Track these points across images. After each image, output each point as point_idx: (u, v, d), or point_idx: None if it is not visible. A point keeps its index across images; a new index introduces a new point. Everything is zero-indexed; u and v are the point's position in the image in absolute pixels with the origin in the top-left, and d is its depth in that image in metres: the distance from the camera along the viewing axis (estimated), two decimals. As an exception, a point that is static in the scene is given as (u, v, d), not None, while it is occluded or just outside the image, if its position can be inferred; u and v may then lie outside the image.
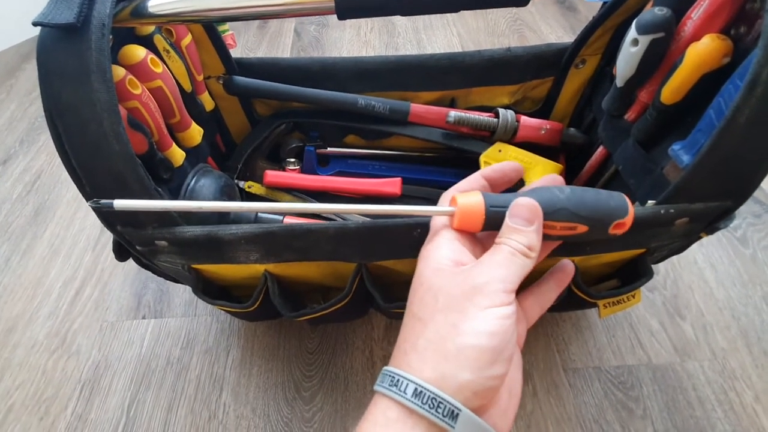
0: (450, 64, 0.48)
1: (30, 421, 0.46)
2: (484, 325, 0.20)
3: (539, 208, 0.23)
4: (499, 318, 0.20)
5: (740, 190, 0.29)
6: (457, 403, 0.19)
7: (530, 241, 0.22)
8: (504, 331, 0.20)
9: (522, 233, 0.22)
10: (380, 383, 0.21)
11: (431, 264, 0.22)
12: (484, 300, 0.20)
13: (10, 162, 0.74)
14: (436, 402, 0.18)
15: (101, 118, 0.26)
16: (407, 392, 0.19)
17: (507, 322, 0.20)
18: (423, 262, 0.23)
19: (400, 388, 0.19)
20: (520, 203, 0.23)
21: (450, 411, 0.18)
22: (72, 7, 0.25)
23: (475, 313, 0.20)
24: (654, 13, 0.33)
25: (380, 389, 0.20)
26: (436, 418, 0.18)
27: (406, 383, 0.19)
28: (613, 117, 0.42)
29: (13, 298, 0.56)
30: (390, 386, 0.20)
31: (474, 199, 0.23)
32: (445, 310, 0.20)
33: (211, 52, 0.47)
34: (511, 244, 0.22)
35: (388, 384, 0.20)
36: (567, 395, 0.45)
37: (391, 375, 0.20)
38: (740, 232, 0.57)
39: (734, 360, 0.47)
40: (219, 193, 0.43)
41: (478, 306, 0.20)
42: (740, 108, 0.25)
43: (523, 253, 0.22)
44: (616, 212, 0.24)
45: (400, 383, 0.19)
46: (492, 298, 0.20)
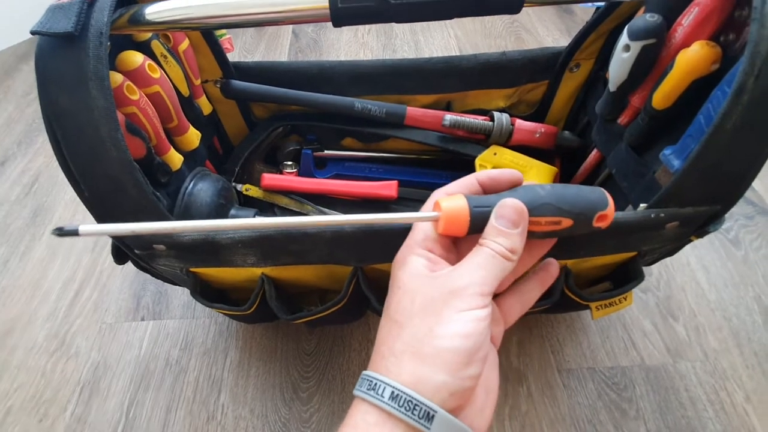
0: (446, 67, 0.49)
1: (29, 422, 0.47)
2: (459, 328, 0.20)
3: (525, 211, 0.23)
4: (473, 320, 0.20)
5: (729, 195, 0.30)
6: (432, 404, 0.19)
7: (513, 244, 0.22)
8: (478, 332, 0.20)
9: (506, 235, 0.22)
10: (359, 387, 0.21)
11: (408, 269, 0.23)
12: (461, 303, 0.20)
13: (8, 164, 0.74)
14: (412, 404, 0.19)
15: (99, 125, 0.26)
16: (384, 395, 0.19)
17: (482, 324, 0.20)
18: (400, 267, 0.23)
19: (378, 391, 0.20)
20: (507, 204, 0.22)
21: (426, 413, 0.19)
22: (70, 16, 0.25)
23: (450, 316, 0.20)
24: (645, 19, 0.34)
25: (359, 393, 0.21)
26: (412, 420, 0.19)
27: (383, 387, 0.20)
28: (606, 121, 0.43)
29: (11, 299, 0.56)
30: (368, 390, 0.20)
31: (458, 203, 0.23)
32: (422, 314, 0.21)
33: (209, 56, 0.47)
34: (492, 247, 0.22)
35: (366, 388, 0.20)
36: (561, 396, 0.46)
37: (369, 379, 0.21)
38: (732, 234, 0.58)
39: (725, 360, 0.47)
40: (217, 196, 0.43)
41: (453, 309, 0.20)
42: (728, 114, 0.25)
43: (505, 256, 0.22)
44: (597, 204, 0.24)
45: (377, 387, 0.20)
46: (468, 302, 0.20)
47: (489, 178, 0.26)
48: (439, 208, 0.23)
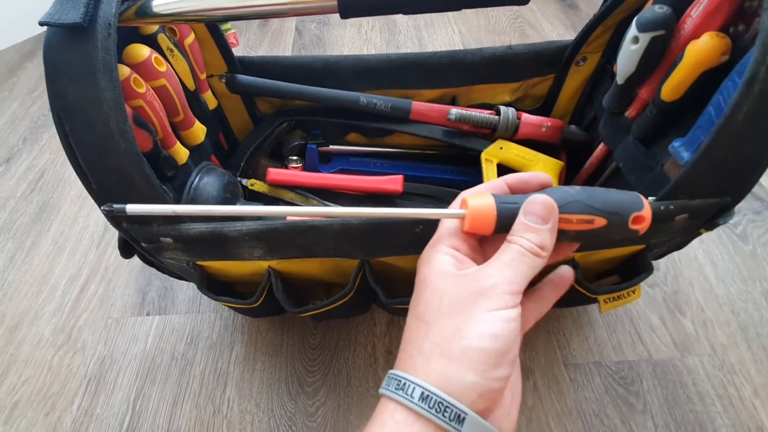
0: (451, 61, 0.49)
1: (36, 416, 0.47)
2: (488, 328, 0.20)
3: (555, 207, 0.22)
4: (503, 321, 0.20)
5: (739, 187, 0.29)
6: (463, 406, 0.19)
7: (543, 240, 0.21)
8: (508, 333, 0.20)
9: (535, 231, 0.21)
10: (386, 387, 0.21)
11: (435, 267, 0.22)
12: (489, 303, 0.20)
13: (13, 160, 0.75)
14: (442, 406, 0.19)
15: (108, 116, 0.26)
16: (414, 396, 0.19)
17: (512, 325, 0.20)
18: (426, 266, 0.23)
19: (407, 391, 0.19)
20: (536, 200, 0.22)
21: (456, 415, 0.19)
22: (78, 7, 0.25)
23: (480, 316, 0.20)
24: (654, 11, 0.34)
25: (387, 393, 0.20)
26: (443, 422, 0.18)
27: (412, 387, 0.19)
28: (613, 114, 0.43)
29: (18, 295, 0.57)
30: (396, 390, 0.20)
31: (485, 201, 0.23)
32: (450, 313, 0.20)
33: (214, 50, 0.47)
34: (521, 243, 0.21)
35: (394, 387, 0.20)
36: (568, 390, 0.46)
37: (397, 378, 0.20)
38: (740, 229, 0.58)
39: (733, 355, 0.47)
40: (222, 190, 0.43)
41: (482, 309, 0.20)
42: (738, 105, 0.25)
43: (535, 252, 0.21)
44: (631, 205, 0.23)
45: (406, 387, 0.19)
46: (497, 301, 0.20)
47: (518, 181, 0.25)
48: (466, 206, 0.23)
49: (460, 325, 0.20)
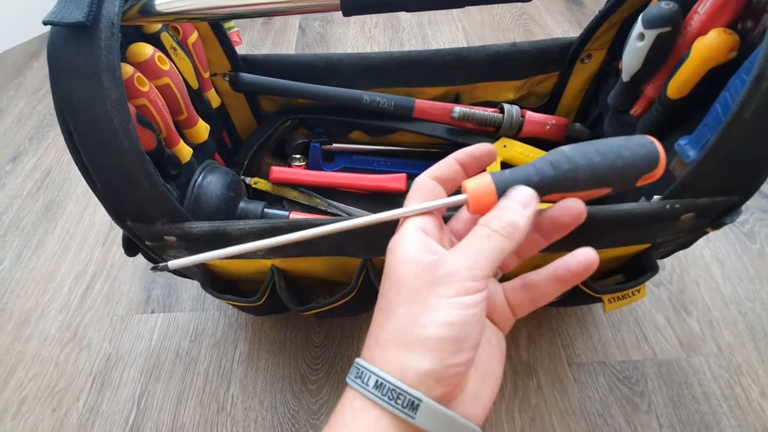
0: (455, 59, 0.48)
1: (43, 412, 0.47)
2: (443, 316, 0.19)
3: (537, 197, 0.22)
4: (461, 308, 0.19)
5: (746, 185, 0.29)
6: (417, 393, 0.19)
7: (515, 219, 0.21)
8: (466, 320, 0.19)
9: (511, 211, 0.21)
10: (349, 375, 0.21)
11: (397, 256, 0.22)
12: (446, 290, 0.20)
13: (20, 159, 0.75)
14: (395, 393, 0.19)
15: (111, 115, 0.26)
16: (369, 384, 0.19)
17: (470, 311, 0.19)
18: (389, 255, 0.23)
19: (363, 380, 0.20)
20: (520, 189, 0.22)
21: (410, 402, 0.19)
22: (81, 6, 0.25)
23: (436, 303, 0.19)
24: (660, 7, 0.33)
25: (348, 381, 0.21)
26: (396, 409, 0.19)
27: (368, 375, 0.20)
28: (618, 112, 0.42)
29: (25, 292, 0.57)
30: (355, 378, 0.20)
31: (483, 181, 0.23)
32: (406, 302, 0.20)
33: (217, 49, 0.47)
34: (491, 225, 0.21)
35: (354, 375, 0.20)
36: (572, 389, 0.46)
37: (357, 367, 0.21)
38: (747, 227, 0.57)
39: (740, 355, 0.47)
40: (226, 189, 0.43)
41: (438, 296, 0.20)
42: (746, 102, 0.25)
43: (505, 233, 0.21)
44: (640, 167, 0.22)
45: (363, 375, 0.20)
46: (454, 288, 0.20)
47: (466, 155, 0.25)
48: (465, 190, 0.23)
49: (416, 315, 0.20)
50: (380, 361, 0.20)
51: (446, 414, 0.19)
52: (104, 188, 0.30)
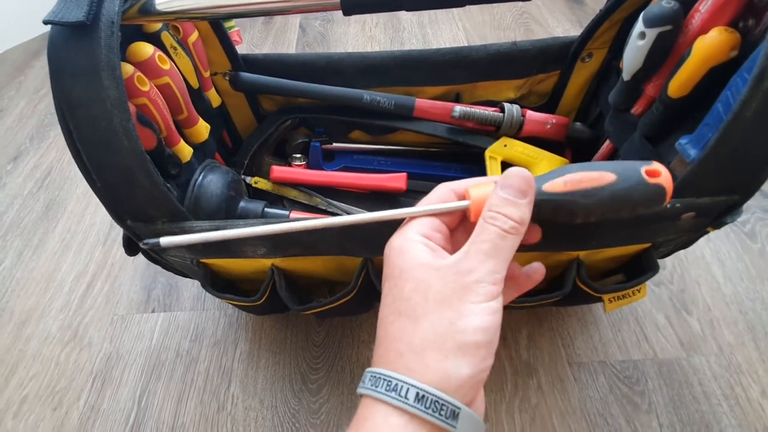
0: (455, 58, 0.48)
1: (44, 411, 0.47)
2: (479, 321, 0.20)
3: (533, 179, 0.22)
4: (491, 313, 0.20)
5: (747, 185, 0.29)
6: (457, 402, 0.19)
7: (522, 214, 0.21)
8: (496, 325, 0.20)
9: (514, 205, 0.21)
10: (373, 387, 0.20)
11: (412, 259, 0.21)
12: (476, 297, 0.20)
13: (20, 158, 0.75)
14: (438, 405, 0.18)
15: (111, 114, 0.26)
16: (409, 398, 0.19)
17: (497, 316, 0.20)
18: (400, 257, 0.22)
19: (400, 392, 0.19)
20: (512, 173, 0.22)
21: (452, 411, 0.19)
22: (81, 6, 0.25)
23: (470, 309, 0.20)
24: (661, 5, 0.33)
25: (375, 394, 0.19)
26: (440, 421, 0.18)
27: (406, 388, 0.19)
28: (619, 111, 0.42)
29: (26, 291, 0.57)
30: (387, 391, 0.19)
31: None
32: (438, 308, 0.20)
33: (218, 48, 0.47)
34: (500, 224, 0.21)
35: (384, 389, 0.19)
36: (572, 389, 0.45)
37: (386, 379, 0.19)
38: (748, 227, 0.57)
39: (741, 355, 0.47)
40: (226, 188, 0.43)
41: (470, 302, 0.20)
42: (748, 101, 0.25)
43: (513, 230, 0.21)
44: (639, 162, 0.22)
45: (399, 388, 0.19)
46: (483, 294, 0.20)
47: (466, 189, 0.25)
48: (468, 197, 0.23)
49: (452, 320, 0.20)
50: (418, 371, 0.19)
51: (477, 419, 0.20)
52: (104, 187, 0.30)
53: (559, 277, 0.38)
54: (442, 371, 0.19)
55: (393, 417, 0.19)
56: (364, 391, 0.20)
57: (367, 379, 0.20)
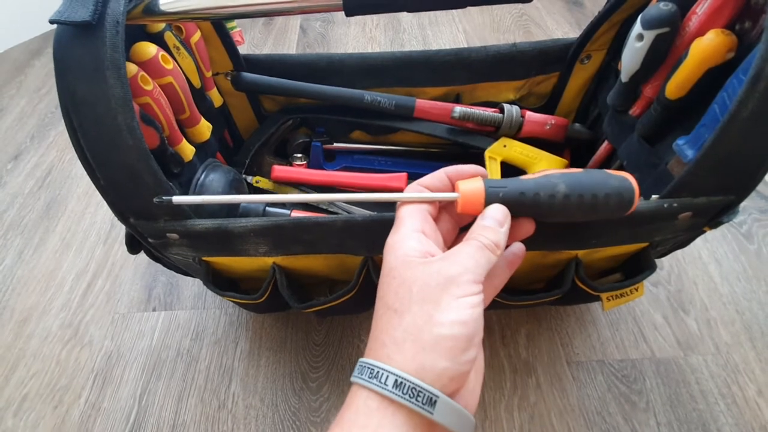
0: (455, 59, 0.49)
1: (45, 409, 0.48)
2: (457, 315, 0.21)
3: (509, 214, 0.25)
4: (470, 307, 0.21)
5: (743, 185, 0.29)
6: (435, 390, 0.20)
7: (499, 239, 0.24)
8: (475, 318, 0.21)
9: (493, 231, 0.24)
10: (359, 375, 0.21)
11: (401, 257, 0.23)
12: (457, 290, 0.21)
13: (21, 157, 0.75)
14: (415, 391, 0.20)
15: (116, 112, 0.27)
16: (388, 384, 0.20)
17: (477, 310, 0.21)
18: (392, 254, 0.24)
19: (381, 379, 0.20)
20: (495, 207, 0.25)
21: (429, 398, 0.20)
22: (87, 5, 0.26)
23: (449, 303, 0.21)
24: (659, 8, 0.34)
25: (359, 381, 0.21)
26: (416, 406, 0.20)
27: (386, 375, 0.20)
28: (617, 112, 0.42)
29: (27, 290, 0.57)
30: (370, 378, 0.20)
31: (475, 185, 0.25)
32: (420, 302, 0.21)
33: (220, 48, 0.47)
34: (481, 240, 0.23)
35: (367, 376, 0.21)
36: (570, 388, 0.46)
37: (369, 367, 0.21)
38: (745, 228, 0.57)
39: (737, 354, 0.47)
40: (228, 187, 0.43)
41: (451, 295, 0.21)
42: (743, 103, 0.25)
43: (491, 249, 0.23)
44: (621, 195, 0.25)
45: (380, 375, 0.20)
46: (464, 288, 0.21)
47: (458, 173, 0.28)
48: (457, 190, 0.25)
49: (431, 313, 0.21)
50: (397, 361, 0.20)
51: (458, 408, 0.21)
52: (108, 185, 0.30)
53: (558, 275, 0.38)
54: (419, 362, 0.20)
55: (372, 400, 0.20)
56: (352, 378, 0.22)
57: (356, 369, 0.22)
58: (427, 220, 0.25)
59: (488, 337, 0.50)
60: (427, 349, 0.20)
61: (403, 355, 0.20)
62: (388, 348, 0.21)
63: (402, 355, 0.20)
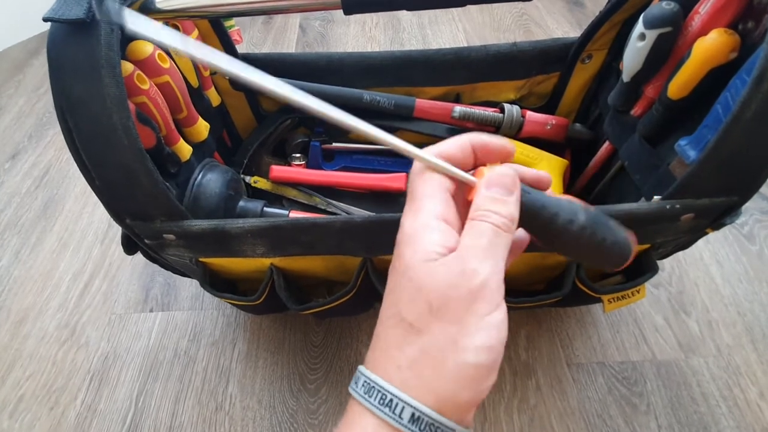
0: (455, 59, 0.48)
1: (41, 410, 0.47)
2: (484, 339, 0.18)
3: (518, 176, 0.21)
4: (497, 327, 0.19)
5: (746, 186, 0.29)
6: (453, 424, 0.18)
7: (511, 211, 0.20)
8: (501, 340, 0.19)
9: (503, 203, 0.20)
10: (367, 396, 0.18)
11: (420, 253, 0.19)
12: (483, 306, 0.18)
13: (19, 157, 0.75)
14: (434, 428, 0.18)
15: (111, 112, 0.26)
16: (403, 417, 0.18)
17: (503, 329, 0.19)
18: (410, 248, 0.20)
19: (395, 410, 0.18)
20: (499, 170, 0.20)
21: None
22: (81, 3, 0.25)
23: (476, 323, 0.18)
24: (661, 7, 0.33)
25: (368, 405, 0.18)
26: None
27: (401, 406, 0.18)
28: (619, 112, 0.42)
29: (23, 290, 0.57)
30: (381, 405, 0.18)
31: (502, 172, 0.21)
32: (442, 319, 0.18)
33: (218, 47, 0.47)
34: (492, 220, 0.19)
35: (378, 401, 0.18)
36: (571, 390, 0.45)
37: (380, 390, 0.18)
38: (747, 229, 0.57)
39: (739, 356, 0.47)
40: (225, 187, 0.43)
41: (476, 314, 0.18)
42: (747, 103, 0.25)
43: (506, 228, 0.19)
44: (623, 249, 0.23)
45: (394, 405, 0.18)
46: (490, 302, 0.18)
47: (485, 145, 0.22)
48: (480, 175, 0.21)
49: (455, 336, 0.18)
50: (414, 389, 0.18)
51: None
52: (103, 186, 0.29)
53: (558, 277, 0.38)
54: (440, 395, 0.18)
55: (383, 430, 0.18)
56: (356, 396, 0.19)
57: (360, 383, 0.19)
58: (449, 202, 0.21)
59: (488, 339, 0.49)
60: (449, 379, 0.18)
61: (422, 381, 0.18)
62: (404, 372, 0.18)
63: (420, 382, 0.18)
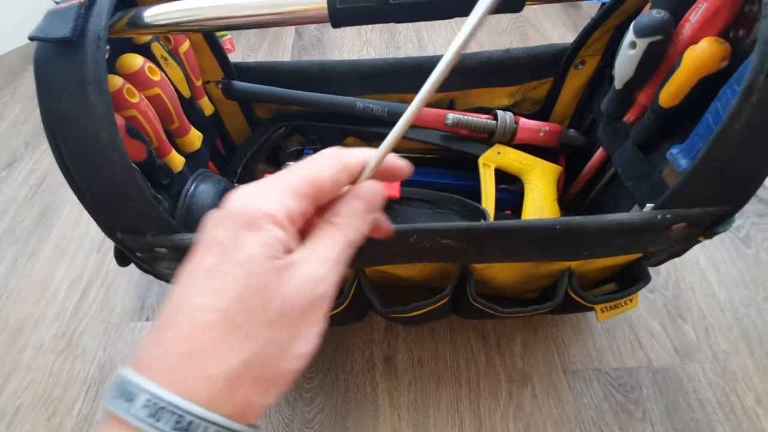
0: (448, 66, 0.48)
1: (38, 421, 0.47)
2: (308, 347, 0.18)
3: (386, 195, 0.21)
4: (318, 337, 0.18)
5: (738, 196, 0.29)
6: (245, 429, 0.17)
7: (365, 231, 0.20)
8: (314, 350, 0.18)
9: (364, 220, 0.19)
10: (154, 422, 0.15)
11: (264, 247, 0.17)
12: (315, 316, 0.18)
13: (15, 164, 0.75)
14: None
15: (99, 129, 0.26)
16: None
17: (319, 339, 0.18)
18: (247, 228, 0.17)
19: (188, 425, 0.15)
20: (373, 186, 0.20)
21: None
22: (67, 21, 0.25)
23: (307, 330, 0.17)
24: (652, 15, 0.33)
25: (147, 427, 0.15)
26: None
27: (204, 426, 0.15)
28: (612, 119, 0.42)
29: (20, 299, 0.57)
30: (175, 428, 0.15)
31: None
32: (275, 326, 0.17)
33: (210, 57, 0.47)
34: (349, 233, 0.19)
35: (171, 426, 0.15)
36: (566, 397, 0.45)
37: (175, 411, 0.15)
38: (743, 233, 0.57)
39: (735, 362, 0.47)
40: (219, 197, 0.43)
41: (308, 323, 0.17)
42: (736, 114, 0.25)
43: (357, 244, 0.19)
44: None
45: (194, 427, 0.15)
46: (322, 312, 0.18)
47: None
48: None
49: (284, 345, 0.17)
50: (221, 404, 0.16)
51: None
52: (93, 201, 0.29)
53: (551, 286, 0.38)
54: (247, 402, 0.16)
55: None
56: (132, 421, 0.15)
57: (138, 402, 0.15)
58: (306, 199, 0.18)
59: (483, 346, 0.49)
60: (261, 386, 0.16)
61: (234, 394, 0.16)
62: (216, 386, 0.16)
63: (231, 396, 0.16)
